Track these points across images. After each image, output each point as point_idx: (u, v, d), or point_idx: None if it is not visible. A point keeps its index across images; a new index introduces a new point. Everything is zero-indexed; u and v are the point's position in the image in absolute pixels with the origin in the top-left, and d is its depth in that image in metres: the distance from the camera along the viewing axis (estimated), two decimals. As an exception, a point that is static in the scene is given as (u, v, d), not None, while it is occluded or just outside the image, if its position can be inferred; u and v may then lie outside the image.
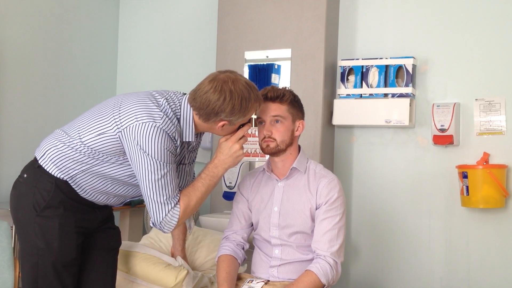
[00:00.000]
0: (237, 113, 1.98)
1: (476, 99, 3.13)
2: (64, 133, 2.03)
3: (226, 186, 3.42)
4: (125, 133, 1.92)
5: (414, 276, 3.26)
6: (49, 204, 1.99)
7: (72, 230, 2.02)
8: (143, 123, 1.90)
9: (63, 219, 2.00)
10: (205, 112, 1.97)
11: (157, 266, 2.45)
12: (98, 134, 1.96)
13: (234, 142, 2.06)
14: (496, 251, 3.07)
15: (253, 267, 2.33)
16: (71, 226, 2.01)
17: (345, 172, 3.44)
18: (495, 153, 3.06)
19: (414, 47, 3.30)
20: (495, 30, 3.13)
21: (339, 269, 2.15)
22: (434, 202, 3.22)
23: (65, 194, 2.00)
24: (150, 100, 1.97)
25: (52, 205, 1.99)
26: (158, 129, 1.90)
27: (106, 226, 2.24)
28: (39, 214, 1.98)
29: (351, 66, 3.35)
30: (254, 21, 3.53)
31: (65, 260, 2.01)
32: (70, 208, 2.00)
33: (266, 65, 3.53)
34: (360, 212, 3.41)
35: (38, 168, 2.01)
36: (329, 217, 2.17)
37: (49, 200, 1.98)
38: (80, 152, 1.98)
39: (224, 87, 1.94)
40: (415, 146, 3.29)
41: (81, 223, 2.06)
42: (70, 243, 2.02)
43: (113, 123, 1.95)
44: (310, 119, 3.18)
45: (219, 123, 2.00)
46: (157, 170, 1.92)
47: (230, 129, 2.07)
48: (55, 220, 1.99)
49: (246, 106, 1.98)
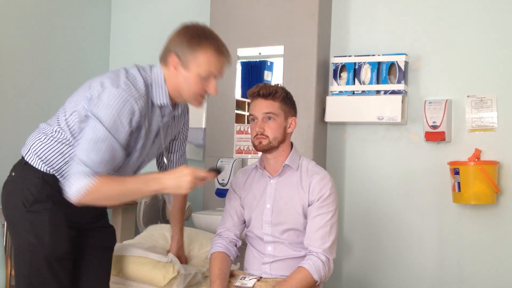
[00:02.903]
0: (185, 47, 1.91)
1: (468, 96, 3.14)
2: (46, 125, 2.00)
3: (218, 183, 3.42)
4: (91, 103, 1.86)
5: (406, 272, 3.27)
6: (37, 198, 1.95)
7: (62, 223, 1.98)
8: (106, 89, 1.84)
9: (53, 212, 1.96)
10: (163, 52, 1.96)
11: (145, 266, 2.44)
12: (71, 113, 1.92)
13: (191, 173, 1.89)
14: (487, 246, 3.08)
15: (245, 263, 2.34)
16: (61, 219, 1.97)
17: (338, 169, 3.45)
18: (486, 150, 3.08)
19: (406, 44, 3.31)
20: (487, 27, 3.14)
21: (331, 265, 2.16)
22: (426, 198, 3.23)
23: (53, 188, 1.95)
24: (120, 71, 1.94)
25: (40, 200, 1.95)
26: (118, 95, 1.83)
27: (99, 224, 2.20)
28: (28, 210, 1.95)
29: (344, 63, 3.36)
30: (246, 18, 3.52)
31: (57, 254, 1.97)
32: (58, 202, 1.94)
33: (258, 62, 3.53)
34: (353, 208, 3.42)
35: (25, 165, 1.98)
36: (321, 214, 2.17)
37: (36, 194, 1.95)
38: (62, 143, 1.94)
39: (183, 25, 1.97)
40: (407, 143, 3.30)
41: (72, 216, 2.00)
42: (62, 236, 1.98)
43: (84, 97, 1.90)
44: (302, 116, 3.18)
45: (171, 59, 1.93)
46: (97, 131, 1.82)
47: (186, 77, 1.93)
48: (45, 214, 1.95)
49: (197, 43, 1.91)
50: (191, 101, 1.99)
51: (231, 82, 3.55)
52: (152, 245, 2.65)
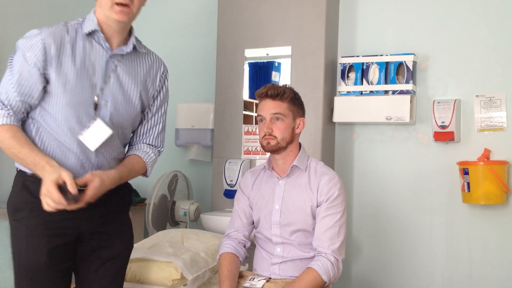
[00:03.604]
0: None
1: (477, 95, 3.12)
2: None
3: (227, 184, 3.42)
4: None
5: (415, 273, 3.26)
6: (17, 206, 1.87)
7: (41, 233, 1.83)
8: None
9: (29, 221, 1.83)
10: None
11: (150, 269, 2.45)
12: None
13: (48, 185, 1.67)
14: (497, 247, 3.07)
15: (254, 264, 2.34)
16: (39, 228, 1.82)
17: (346, 170, 3.44)
18: (496, 150, 3.06)
19: (414, 44, 3.30)
20: (495, 26, 3.12)
21: (340, 266, 2.15)
22: (435, 198, 3.22)
23: (32, 194, 1.82)
24: None
25: (19, 207, 1.86)
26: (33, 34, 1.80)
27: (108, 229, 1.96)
28: (13, 218, 1.88)
29: (352, 63, 3.35)
30: (254, 19, 3.52)
31: (35, 266, 1.83)
32: (36, 209, 1.76)
33: (266, 63, 3.53)
34: (361, 209, 3.41)
35: (17, 171, 1.92)
36: (330, 214, 2.17)
37: (16, 202, 1.88)
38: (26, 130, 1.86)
39: None
40: (416, 143, 3.29)
41: (57, 223, 1.83)
42: (38, 247, 1.82)
43: None
44: (310, 116, 3.17)
45: None
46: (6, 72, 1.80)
47: None
48: (22, 223, 1.85)
49: None
50: (110, 13, 1.81)
51: (239, 83, 3.55)
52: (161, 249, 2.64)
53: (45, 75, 1.80)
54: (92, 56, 1.85)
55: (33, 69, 1.78)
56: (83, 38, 1.85)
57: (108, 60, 1.88)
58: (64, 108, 1.81)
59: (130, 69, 1.93)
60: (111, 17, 1.83)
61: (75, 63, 1.82)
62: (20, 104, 1.80)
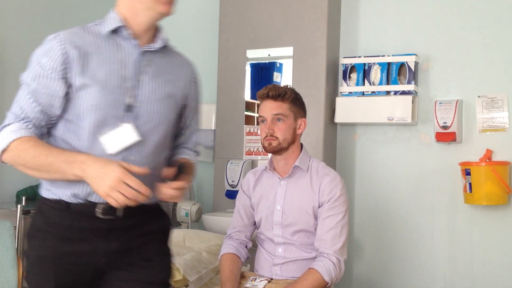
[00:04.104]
0: None
1: (479, 96, 3.12)
2: None
3: (228, 185, 3.42)
4: None
5: (417, 273, 3.25)
6: (31, 233, 1.66)
7: (48, 267, 1.59)
8: None
9: (39, 251, 1.61)
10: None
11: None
12: None
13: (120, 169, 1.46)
14: (499, 248, 3.06)
15: (256, 265, 2.34)
16: (48, 262, 1.59)
17: (348, 170, 3.44)
18: (498, 150, 3.06)
19: (416, 44, 3.30)
20: (497, 27, 3.12)
21: (342, 267, 2.15)
22: (437, 199, 3.22)
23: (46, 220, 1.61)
24: None
25: (32, 234, 1.65)
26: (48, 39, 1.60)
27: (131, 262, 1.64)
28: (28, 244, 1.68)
29: (353, 64, 3.35)
30: (255, 20, 3.52)
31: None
32: (49, 238, 1.59)
33: (268, 64, 3.53)
34: (363, 209, 3.41)
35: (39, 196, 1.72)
36: (331, 215, 2.17)
37: (31, 228, 1.67)
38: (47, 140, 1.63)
39: None
40: (418, 143, 3.28)
41: (68, 258, 1.58)
42: (48, 278, 1.59)
43: None
44: (312, 117, 3.17)
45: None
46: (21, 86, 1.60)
47: None
48: (33, 251, 1.63)
49: None
50: (156, 5, 1.62)
51: (241, 83, 3.55)
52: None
53: (66, 79, 1.56)
54: (119, 54, 1.62)
55: (51, 74, 1.55)
56: (107, 37, 1.62)
57: (138, 58, 1.64)
58: (92, 113, 1.56)
59: (162, 68, 1.70)
60: (155, 10, 1.62)
61: (101, 63, 1.59)
62: (40, 115, 1.56)
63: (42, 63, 1.56)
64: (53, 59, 1.56)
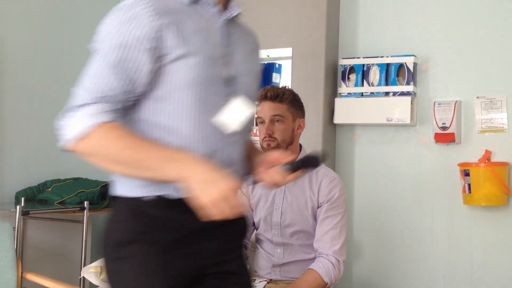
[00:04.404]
0: None
1: (478, 96, 3.12)
2: None
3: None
4: None
5: (416, 274, 3.25)
6: (125, 239, 1.37)
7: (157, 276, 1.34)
8: None
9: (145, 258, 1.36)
10: None
11: None
12: None
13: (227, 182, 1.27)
14: (498, 248, 3.06)
15: (255, 266, 2.34)
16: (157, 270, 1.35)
17: (347, 171, 3.44)
18: (497, 151, 3.06)
19: (415, 45, 3.30)
20: (496, 27, 3.12)
21: (341, 267, 2.16)
22: (436, 200, 3.22)
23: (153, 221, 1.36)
24: None
25: (129, 240, 1.36)
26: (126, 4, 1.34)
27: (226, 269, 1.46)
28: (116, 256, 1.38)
29: (352, 65, 3.35)
30: (254, 20, 3.49)
31: None
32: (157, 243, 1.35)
33: (267, 64, 3.53)
34: (362, 210, 3.41)
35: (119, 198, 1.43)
36: (330, 215, 2.17)
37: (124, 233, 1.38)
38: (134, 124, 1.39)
39: None
40: (417, 144, 3.29)
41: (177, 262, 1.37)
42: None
43: None
44: (311, 118, 3.17)
45: None
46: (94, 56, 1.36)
47: None
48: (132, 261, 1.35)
49: None
50: None
51: (240, 84, 3.55)
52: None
53: (156, 50, 1.32)
54: (206, 23, 1.41)
55: (138, 44, 1.30)
56: (189, 5, 1.41)
57: (223, 27, 1.45)
58: (191, 88, 1.35)
59: (240, 37, 1.52)
60: None
61: (194, 32, 1.37)
62: (121, 94, 1.32)
63: (125, 32, 1.31)
64: (140, 26, 1.31)
